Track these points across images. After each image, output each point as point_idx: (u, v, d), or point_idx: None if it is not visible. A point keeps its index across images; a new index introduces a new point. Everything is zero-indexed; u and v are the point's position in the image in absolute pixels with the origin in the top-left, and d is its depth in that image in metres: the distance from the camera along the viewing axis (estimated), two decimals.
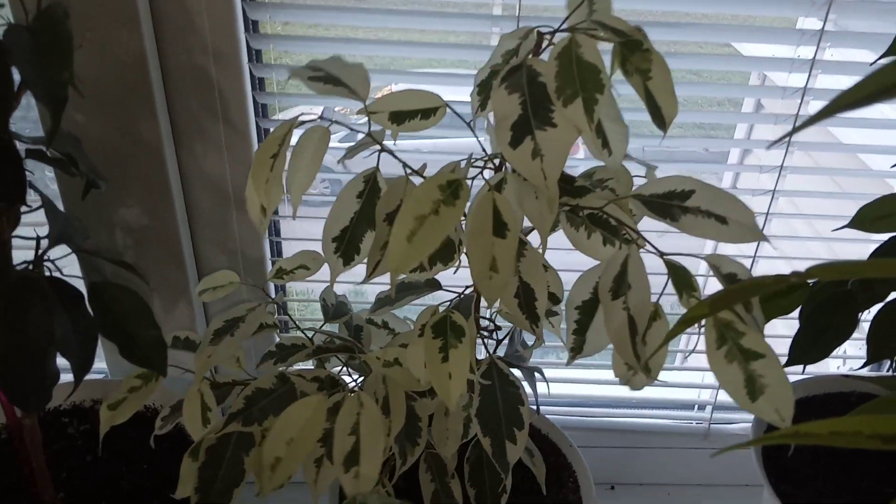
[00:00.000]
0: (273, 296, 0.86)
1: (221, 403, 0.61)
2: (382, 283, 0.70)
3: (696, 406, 0.95)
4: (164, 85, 0.70)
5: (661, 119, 0.46)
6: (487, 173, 0.54)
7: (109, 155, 0.71)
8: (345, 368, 0.65)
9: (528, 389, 0.63)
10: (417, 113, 0.54)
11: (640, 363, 0.46)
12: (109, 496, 0.71)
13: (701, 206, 0.49)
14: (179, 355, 0.83)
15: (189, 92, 0.71)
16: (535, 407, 0.76)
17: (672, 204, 0.49)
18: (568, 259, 0.69)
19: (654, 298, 0.47)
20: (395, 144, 0.58)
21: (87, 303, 0.55)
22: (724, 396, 0.92)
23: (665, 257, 0.48)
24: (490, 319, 0.62)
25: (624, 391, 0.96)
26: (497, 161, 0.53)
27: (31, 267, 0.54)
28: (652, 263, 0.50)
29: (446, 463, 0.62)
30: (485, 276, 0.48)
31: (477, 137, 0.57)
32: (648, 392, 0.96)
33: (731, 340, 0.44)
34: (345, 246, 0.53)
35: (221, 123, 0.73)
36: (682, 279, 0.48)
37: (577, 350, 0.52)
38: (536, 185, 0.44)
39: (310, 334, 0.67)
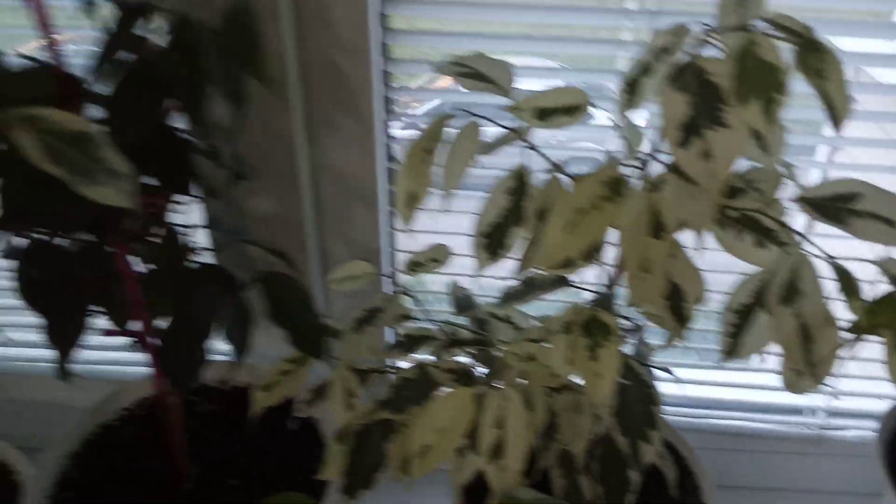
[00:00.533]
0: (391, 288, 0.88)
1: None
2: (493, 278, 0.70)
3: (806, 411, 0.92)
4: (300, 79, 0.72)
5: (835, 117, 0.45)
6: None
7: (245, 146, 0.74)
8: (472, 360, 0.66)
9: None
10: (561, 110, 0.54)
11: (813, 370, 0.45)
12: (237, 473, 0.74)
13: (870, 209, 0.47)
14: None
15: (322, 86, 0.73)
16: None
17: (841, 207, 0.48)
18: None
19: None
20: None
21: (243, 291, 0.57)
22: (838, 403, 0.89)
23: (832, 261, 0.47)
24: (626, 318, 0.62)
25: (732, 392, 0.94)
26: (646, 160, 0.53)
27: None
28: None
29: (575, 459, 0.63)
30: (637, 277, 0.48)
31: (628, 137, 0.57)
32: (756, 395, 0.94)
33: None
34: (493, 241, 0.54)
35: (350, 117, 0.74)
36: (849, 284, 0.47)
37: (730, 353, 0.52)
38: (704, 185, 0.44)
39: (434, 326, 0.68)
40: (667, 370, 0.66)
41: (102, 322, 0.60)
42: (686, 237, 0.55)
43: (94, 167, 0.38)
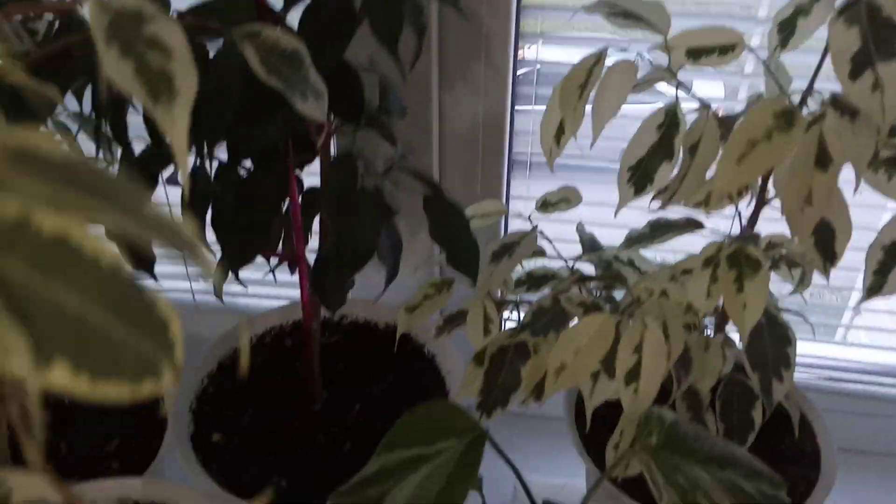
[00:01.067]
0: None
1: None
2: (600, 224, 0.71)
3: None
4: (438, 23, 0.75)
5: None
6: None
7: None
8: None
9: None
10: (715, 49, 0.55)
11: None
12: (361, 398, 0.79)
13: None
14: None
15: (459, 31, 0.75)
16: None
17: None
18: None
19: None
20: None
21: (394, 217, 0.61)
22: None
23: None
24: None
25: (855, 353, 0.93)
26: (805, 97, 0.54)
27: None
28: None
29: (701, 397, 0.65)
30: (797, 209, 0.49)
31: (776, 79, 0.58)
32: (880, 356, 0.93)
33: None
34: (639, 175, 0.55)
35: (483, 64, 0.77)
36: None
37: (874, 290, 0.52)
38: (874, 117, 0.45)
39: (561, 265, 0.70)
40: (801, 315, 0.66)
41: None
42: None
43: (302, 84, 0.42)
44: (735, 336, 0.65)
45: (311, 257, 0.63)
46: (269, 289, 1.01)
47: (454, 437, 0.49)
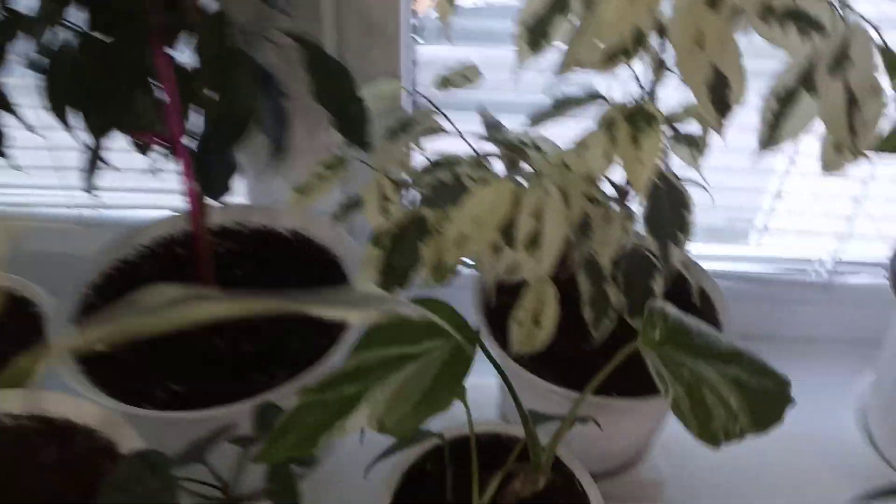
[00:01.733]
0: None
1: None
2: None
3: (815, 262, 0.95)
4: None
5: None
6: None
7: None
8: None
9: None
10: None
11: (855, 139, 0.46)
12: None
13: None
14: None
15: None
16: None
17: None
18: None
19: None
20: None
21: (277, 83, 0.56)
22: (846, 253, 0.91)
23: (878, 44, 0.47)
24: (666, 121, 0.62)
25: (737, 249, 0.96)
26: None
27: None
28: None
29: (603, 269, 0.64)
30: (688, 51, 0.48)
31: None
32: (765, 250, 0.96)
33: None
34: (535, 32, 0.53)
35: None
36: (892, 61, 0.47)
37: (767, 142, 0.52)
38: None
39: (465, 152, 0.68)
40: (700, 184, 0.66)
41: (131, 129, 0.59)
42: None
43: None
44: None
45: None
46: (160, 198, 0.95)
47: (441, 336, 0.45)
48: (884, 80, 0.47)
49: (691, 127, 0.67)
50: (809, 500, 0.80)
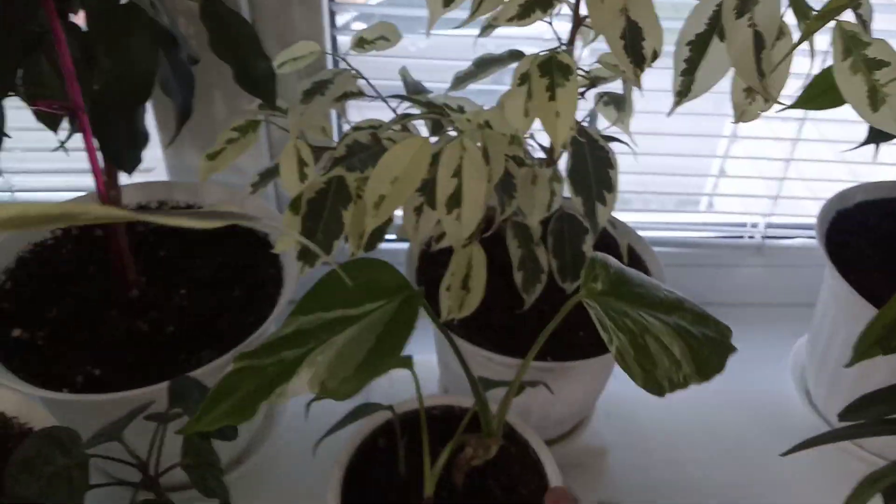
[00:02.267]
0: None
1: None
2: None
3: (749, 225, 0.96)
4: None
5: None
6: None
7: None
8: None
9: None
10: None
11: (765, 84, 0.45)
12: (187, 283, 0.73)
13: None
14: None
15: None
16: None
17: None
18: None
19: None
20: None
21: (182, 47, 0.54)
22: (780, 210, 0.93)
23: None
24: (585, 74, 0.61)
25: (673, 217, 0.97)
26: None
27: None
28: None
29: (532, 231, 0.63)
30: (597, 1, 0.47)
31: None
32: (699, 217, 0.97)
33: (855, 51, 0.44)
34: None
35: None
36: (798, 2, 0.47)
37: (683, 93, 0.51)
38: None
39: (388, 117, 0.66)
40: (623, 141, 0.66)
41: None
42: None
43: None
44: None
45: None
46: (74, 179, 0.91)
47: (383, 297, 0.43)
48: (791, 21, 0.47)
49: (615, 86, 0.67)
50: (749, 456, 0.81)
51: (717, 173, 0.93)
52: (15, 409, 0.61)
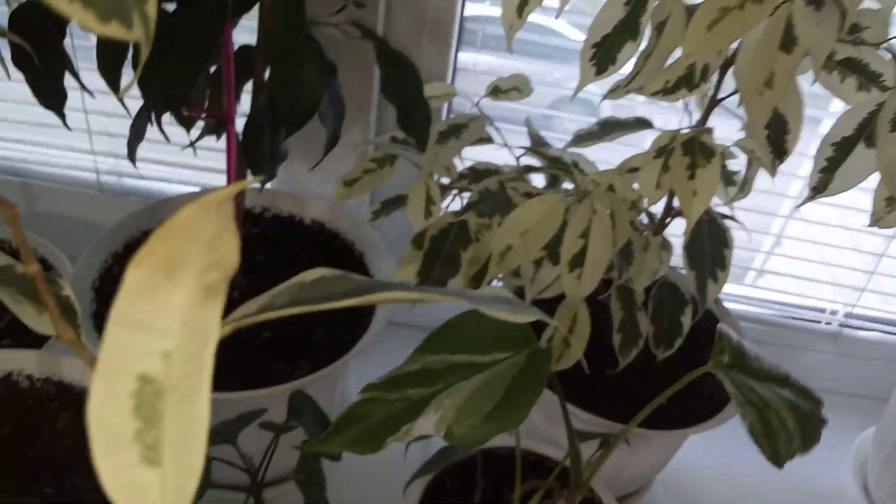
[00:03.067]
0: None
1: None
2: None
3: (828, 311, 0.96)
4: None
5: None
6: None
7: None
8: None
9: None
10: None
11: None
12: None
13: None
14: None
15: None
16: None
17: None
18: None
19: None
20: None
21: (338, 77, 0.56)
22: (862, 301, 0.92)
23: None
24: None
25: (752, 291, 0.97)
26: None
27: None
28: None
29: (636, 296, 0.65)
30: (756, 92, 0.48)
31: None
32: (777, 296, 0.96)
33: None
34: (603, 53, 0.53)
35: None
36: None
37: (820, 189, 0.53)
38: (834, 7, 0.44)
39: (505, 162, 0.68)
40: (734, 219, 0.67)
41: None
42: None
43: None
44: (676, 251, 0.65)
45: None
46: (186, 173, 0.94)
47: (510, 348, 0.44)
48: None
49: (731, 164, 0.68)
50: None
51: (807, 258, 0.93)
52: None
